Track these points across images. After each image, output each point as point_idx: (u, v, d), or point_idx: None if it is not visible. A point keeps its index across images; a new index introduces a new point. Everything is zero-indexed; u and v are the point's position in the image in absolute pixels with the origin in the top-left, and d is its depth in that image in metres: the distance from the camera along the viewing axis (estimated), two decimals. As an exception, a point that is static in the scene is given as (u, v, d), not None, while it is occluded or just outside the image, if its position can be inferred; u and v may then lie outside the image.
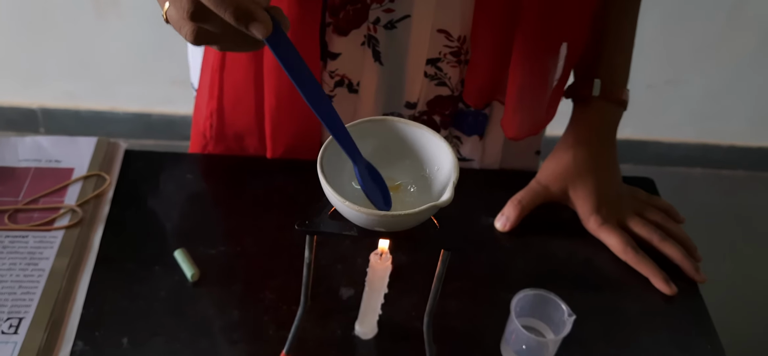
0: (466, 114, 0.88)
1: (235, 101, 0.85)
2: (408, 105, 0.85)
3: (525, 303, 0.70)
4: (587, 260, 0.82)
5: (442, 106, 0.86)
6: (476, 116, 0.88)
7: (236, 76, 0.83)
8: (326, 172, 0.52)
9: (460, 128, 0.90)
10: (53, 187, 0.81)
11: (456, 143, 0.92)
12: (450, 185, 0.52)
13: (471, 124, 0.89)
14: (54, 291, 0.71)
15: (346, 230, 0.55)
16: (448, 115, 0.87)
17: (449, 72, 0.82)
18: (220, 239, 0.79)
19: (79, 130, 2.18)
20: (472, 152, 0.92)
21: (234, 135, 0.89)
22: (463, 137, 0.91)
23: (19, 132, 2.17)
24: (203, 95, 0.88)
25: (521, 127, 0.82)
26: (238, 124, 0.88)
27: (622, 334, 0.75)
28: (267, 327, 0.72)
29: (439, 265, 0.57)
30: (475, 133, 0.90)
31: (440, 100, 0.85)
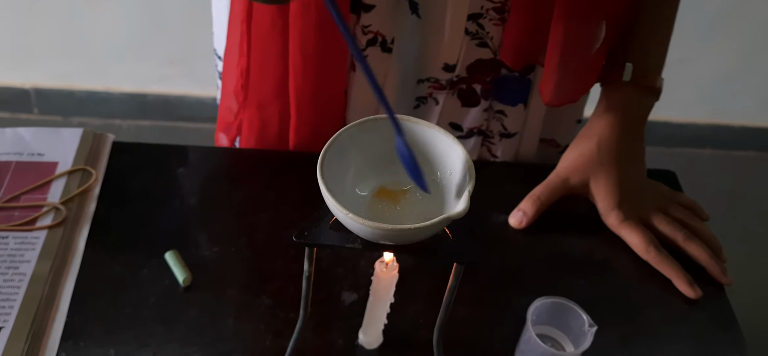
0: (509, 80, 0.82)
1: (262, 57, 0.79)
2: (446, 67, 0.79)
3: (541, 311, 0.66)
4: (605, 261, 0.77)
5: (483, 70, 0.80)
6: (520, 82, 0.82)
7: (262, 29, 0.77)
8: (327, 177, 0.47)
9: (502, 98, 0.84)
10: (35, 183, 0.76)
11: (500, 118, 0.86)
12: (465, 195, 0.46)
13: (514, 91, 0.83)
14: (35, 298, 0.67)
15: (348, 242, 0.49)
16: (490, 82, 0.81)
17: (491, 31, 0.76)
18: (213, 239, 0.74)
19: (73, 110, 2.13)
20: (517, 124, 0.86)
21: (259, 102, 0.83)
22: (508, 110, 0.85)
23: (11, 113, 2.12)
24: (232, 55, 0.81)
25: (559, 91, 0.75)
26: (264, 87, 0.81)
27: (642, 343, 0.70)
28: (263, 336, 0.67)
29: (451, 278, 0.52)
30: (520, 101, 0.84)
31: (481, 64, 0.79)
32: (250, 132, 0.86)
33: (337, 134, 0.50)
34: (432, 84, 0.81)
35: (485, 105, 0.84)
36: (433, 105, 0.83)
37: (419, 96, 0.83)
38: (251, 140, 0.86)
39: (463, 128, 0.86)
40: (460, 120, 0.86)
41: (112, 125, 2.12)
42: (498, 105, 0.85)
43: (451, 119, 0.86)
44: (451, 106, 0.84)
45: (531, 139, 0.89)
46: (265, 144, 0.86)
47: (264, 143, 0.86)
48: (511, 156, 0.90)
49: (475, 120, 0.85)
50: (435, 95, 0.82)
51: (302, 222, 0.51)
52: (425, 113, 0.84)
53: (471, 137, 0.87)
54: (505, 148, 0.89)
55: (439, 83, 0.81)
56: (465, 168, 0.49)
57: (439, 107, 0.83)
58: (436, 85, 0.81)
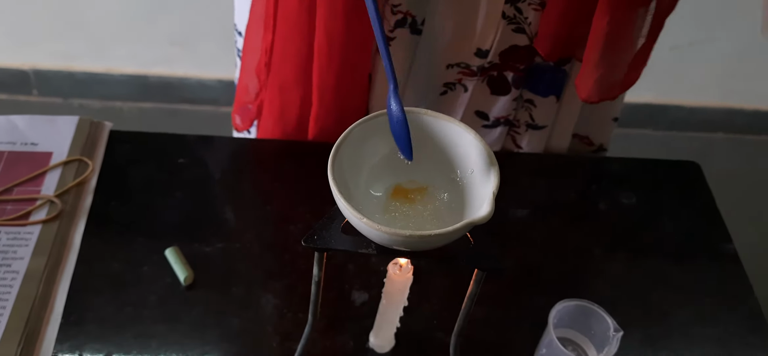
0: (544, 70, 0.77)
1: (286, 36, 0.75)
2: (479, 53, 0.74)
3: (564, 314, 0.62)
4: (629, 259, 0.73)
5: (517, 58, 0.75)
6: (555, 74, 0.77)
7: (290, 5, 0.72)
8: (338, 177, 0.43)
9: (534, 88, 0.79)
10: (29, 174, 0.72)
11: (529, 108, 0.81)
12: (489, 197, 0.42)
13: (548, 82, 0.78)
14: (29, 297, 0.63)
15: (362, 247, 0.46)
16: (523, 69, 0.76)
17: (530, 16, 0.72)
18: (216, 234, 0.71)
19: (73, 92, 2.09)
20: (546, 116, 0.82)
21: (280, 85, 0.79)
22: (537, 100, 0.80)
23: (10, 95, 2.08)
24: (256, 31, 0.77)
25: (597, 88, 0.71)
26: (286, 68, 0.77)
27: (668, 345, 0.66)
28: (270, 338, 0.63)
29: (471, 284, 0.49)
30: (552, 93, 0.79)
31: (515, 51, 0.75)
32: (269, 116, 0.81)
33: (348, 130, 0.46)
34: (462, 69, 0.76)
35: (515, 94, 0.79)
36: (461, 92, 0.78)
37: (447, 82, 0.78)
38: (269, 125, 0.82)
39: (490, 117, 0.82)
40: (488, 109, 0.81)
41: (113, 107, 2.08)
42: (528, 94, 0.80)
43: (479, 107, 0.81)
44: (479, 93, 0.79)
45: (563, 134, 0.84)
46: (284, 131, 0.81)
47: (282, 129, 0.81)
48: (538, 149, 0.85)
49: (503, 109, 0.80)
50: (464, 82, 0.78)
51: (313, 223, 0.47)
52: (452, 99, 0.79)
53: (497, 126, 0.83)
54: (532, 140, 0.84)
55: (470, 69, 0.76)
56: (488, 167, 0.45)
57: (468, 94, 0.78)
58: (466, 71, 0.76)
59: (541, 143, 0.85)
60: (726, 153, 2.27)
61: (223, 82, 2.06)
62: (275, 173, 0.78)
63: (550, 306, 0.68)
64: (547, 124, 0.82)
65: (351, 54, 0.73)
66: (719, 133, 2.29)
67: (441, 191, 0.48)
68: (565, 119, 0.83)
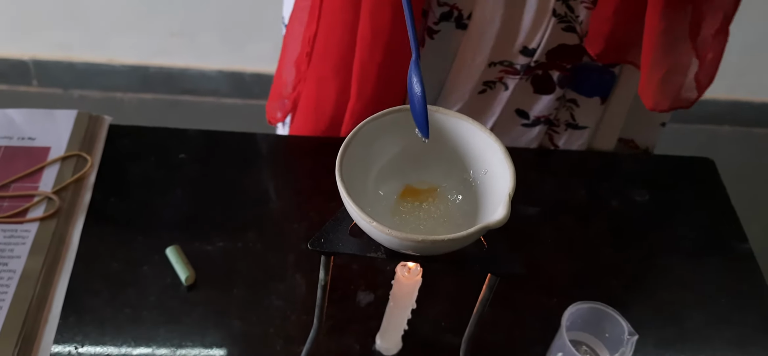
0: (591, 70, 0.74)
1: (329, 26, 0.72)
2: (525, 51, 0.71)
3: (576, 317, 0.60)
4: (642, 258, 0.71)
5: (564, 57, 0.72)
6: (602, 75, 0.74)
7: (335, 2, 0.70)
8: (347, 177, 0.41)
9: (578, 87, 0.76)
10: (26, 170, 0.70)
11: (570, 107, 0.78)
12: (505, 200, 0.41)
13: (594, 83, 0.75)
14: (26, 297, 0.61)
15: (370, 251, 0.44)
16: (569, 69, 0.73)
17: (581, 14, 0.68)
18: (218, 232, 0.69)
19: (73, 82, 2.07)
20: (588, 117, 0.79)
21: (318, 77, 0.76)
22: (581, 100, 0.77)
23: (10, 85, 2.06)
24: (299, 21, 0.74)
25: (663, 92, 0.66)
26: (327, 60, 0.74)
27: (683, 348, 0.64)
28: (273, 340, 0.62)
29: (484, 289, 0.47)
30: (597, 94, 0.76)
31: (564, 50, 0.71)
32: (305, 109, 0.79)
33: (357, 128, 0.44)
34: (505, 68, 0.73)
35: (559, 93, 0.75)
36: (501, 90, 0.75)
37: (488, 80, 0.74)
38: (304, 119, 0.79)
39: (530, 116, 0.78)
40: (528, 107, 0.78)
41: (114, 98, 2.06)
42: (571, 93, 0.77)
43: (519, 105, 0.78)
44: (521, 92, 0.75)
45: (608, 136, 0.81)
46: (317, 126, 0.79)
47: (316, 124, 0.79)
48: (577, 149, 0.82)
49: (544, 108, 0.77)
50: (505, 80, 0.74)
51: (317, 221, 0.45)
52: (491, 98, 0.76)
53: (537, 125, 0.79)
54: (570, 139, 0.81)
55: (513, 67, 0.72)
56: (503, 168, 0.43)
57: (508, 93, 0.75)
58: (509, 70, 0.73)
59: (580, 144, 0.82)
60: (732, 146, 2.25)
61: (225, 74, 2.04)
62: (279, 169, 0.76)
63: (561, 307, 0.66)
64: (588, 125, 0.79)
65: (395, 47, 0.69)
66: (725, 125, 2.27)
67: (453, 192, 0.46)
68: (612, 122, 0.80)
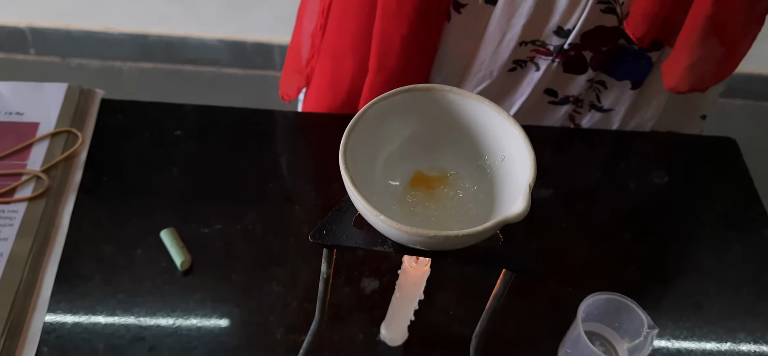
0: (627, 54, 0.69)
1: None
2: (559, 32, 0.66)
3: (593, 308, 0.57)
4: (660, 244, 0.68)
5: (601, 39, 0.67)
6: (637, 58, 0.69)
7: None
8: (352, 165, 0.38)
9: (610, 70, 0.71)
10: (13, 147, 0.67)
11: (596, 89, 0.73)
12: (525, 191, 0.37)
13: (629, 67, 0.70)
14: (13, 282, 0.58)
15: (376, 244, 0.40)
16: (605, 52, 0.68)
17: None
18: (215, 214, 0.65)
19: (71, 51, 2.02)
20: (614, 100, 0.74)
21: (334, 52, 0.72)
22: (609, 82, 0.72)
23: (6, 53, 2.01)
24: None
25: (688, 76, 0.62)
26: (343, 34, 0.70)
27: (703, 339, 0.61)
28: (273, 329, 0.59)
29: (498, 284, 0.44)
30: (628, 78, 0.71)
31: (601, 32, 0.66)
32: (320, 85, 0.75)
33: (362, 111, 0.40)
34: (537, 47, 0.68)
35: (591, 75, 0.71)
36: (532, 70, 0.71)
37: (518, 59, 0.70)
38: (318, 95, 0.76)
39: (559, 95, 0.74)
40: (558, 87, 0.73)
41: (113, 67, 2.01)
42: (601, 75, 0.72)
43: (550, 85, 0.73)
44: (552, 72, 0.71)
45: (639, 124, 0.76)
46: (333, 102, 0.75)
47: (332, 101, 0.75)
48: None
49: (575, 89, 0.73)
50: (537, 60, 0.70)
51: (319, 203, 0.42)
52: (519, 77, 0.72)
53: (565, 104, 0.75)
54: (592, 121, 0.77)
55: (546, 48, 0.68)
56: (523, 155, 0.39)
57: (539, 73, 0.70)
58: (542, 50, 0.68)
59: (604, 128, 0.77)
60: (745, 121, 2.20)
61: (225, 43, 1.99)
62: (280, 147, 0.73)
63: (575, 296, 0.63)
64: (613, 108, 0.75)
65: (422, 16, 0.65)
66: (738, 99, 2.22)
67: (467, 179, 0.42)
68: (643, 109, 0.75)
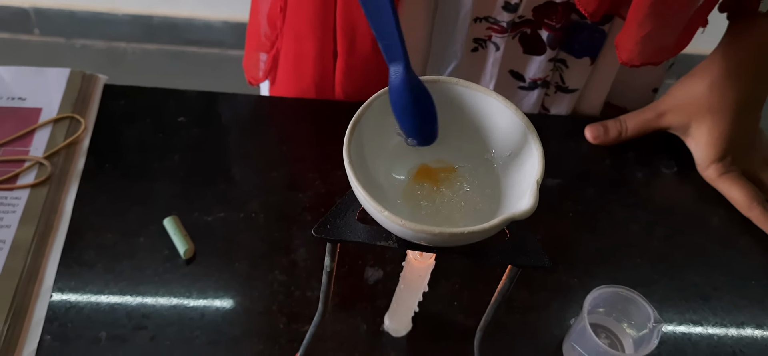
0: (582, 28, 0.69)
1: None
2: (507, 6, 0.66)
3: (599, 300, 0.56)
4: (668, 237, 0.67)
5: (551, 15, 0.67)
6: (593, 33, 0.69)
7: None
8: (355, 161, 0.37)
9: (568, 47, 0.71)
10: (15, 133, 0.67)
11: (560, 69, 0.74)
12: (533, 187, 0.36)
13: (585, 42, 0.70)
14: (16, 269, 0.58)
15: (380, 239, 0.40)
16: (560, 29, 0.68)
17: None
18: (219, 201, 0.65)
19: (75, 32, 2.01)
20: (578, 79, 0.74)
21: (295, 33, 0.71)
22: (570, 61, 0.73)
23: (11, 34, 2.01)
24: None
25: (642, 48, 0.62)
26: (301, 15, 0.69)
27: (712, 335, 0.61)
28: (276, 318, 0.58)
29: (504, 279, 0.43)
30: (586, 54, 0.72)
31: (550, 7, 0.66)
32: (285, 68, 0.73)
33: (368, 103, 0.39)
34: (490, 24, 0.69)
35: (551, 54, 0.71)
36: (493, 50, 0.71)
37: (477, 38, 0.71)
38: (285, 78, 0.75)
39: (526, 79, 0.74)
40: (522, 69, 0.74)
41: (117, 48, 2.01)
42: (561, 54, 0.73)
43: (512, 66, 0.73)
44: (512, 52, 0.72)
45: (595, 100, 0.77)
46: (300, 86, 0.74)
47: (299, 84, 0.74)
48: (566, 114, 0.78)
49: (539, 70, 0.73)
50: (495, 39, 0.70)
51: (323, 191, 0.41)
52: (484, 58, 0.72)
53: (535, 88, 0.75)
54: (560, 103, 0.77)
55: (499, 25, 0.68)
56: (531, 150, 0.38)
57: (500, 53, 0.71)
58: (495, 27, 0.69)
59: (569, 108, 0.77)
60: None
61: (230, 24, 1.98)
62: (283, 134, 0.72)
63: (581, 287, 0.63)
64: (578, 88, 0.75)
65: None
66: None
67: (473, 173, 0.42)
68: (600, 85, 0.75)
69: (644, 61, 0.63)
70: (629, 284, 0.56)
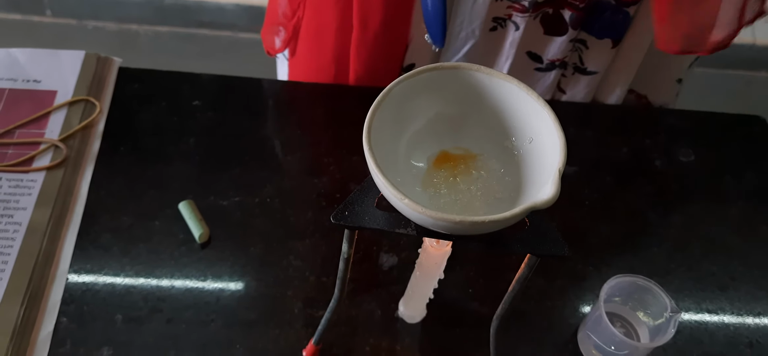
0: (604, 8, 0.67)
1: None
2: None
3: (615, 290, 0.56)
4: (686, 224, 0.66)
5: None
6: (615, 14, 0.67)
7: None
8: (375, 147, 0.37)
9: (589, 27, 0.69)
10: (31, 115, 0.67)
11: (579, 49, 0.72)
12: (554, 176, 0.36)
13: (606, 23, 0.68)
14: (33, 252, 0.58)
15: (399, 227, 0.40)
16: (583, 9, 0.66)
17: None
18: (234, 185, 0.65)
19: (88, 13, 2.01)
20: (598, 62, 0.72)
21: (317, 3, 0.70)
22: (590, 41, 0.70)
23: (23, 15, 2.01)
24: None
25: (678, 31, 0.58)
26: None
27: (729, 323, 0.60)
28: (291, 303, 0.58)
29: (522, 267, 0.43)
30: (608, 36, 0.69)
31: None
32: (306, 39, 0.72)
33: (388, 89, 0.39)
34: (512, 3, 0.67)
35: (572, 34, 0.69)
36: (512, 30, 0.69)
37: (497, 17, 0.69)
38: (305, 50, 0.74)
39: (544, 60, 0.73)
40: (541, 50, 0.72)
41: (129, 30, 2.00)
42: (582, 34, 0.70)
43: (531, 47, 0.72)
44: (532, 32, 0.70)
45: (616, 85, 0.75)
46: (320, 59, 0.72)
47: (319, 57, 0.73)
48: (582, 97, 0.76)
49: (558, 51, 0.71)
50: (515, 18, 0.68)
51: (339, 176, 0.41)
52: (501, 37, 0.71)
53: (552, 69, 0.73)
54: (577, 86, 0.75)
55: (521, 4, 0.66)
56: (552, 138, 0.38)
57: (519, 33, 0.69)
58: (516, 6, 0.67)
59: (587, 92, 0.76)
60: (769, 92, 2.15)
61: (242, 6, 1.97)
62: (298, 118, 0.72)
63: (597, 275, 0.62)
64: (597, 70, 0.73)
65: None
66: (762, 72, 2.18)
67: (493, 161, 0.41)
68: (621, 70, 0.73)
69: (685, 47, 0.59)
70: (645, 273, 0.56)
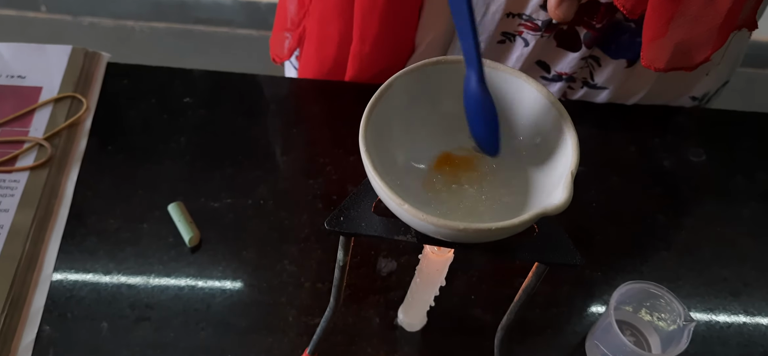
0: (622, 30, 0.64)
1: None
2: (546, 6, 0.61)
3: (626, 296, 0.53)
4: (696, 226, 0.64)
5: (593, 13, 0.62)
6: (634, 36, 0.64)
7: None
8: (372, 147, 0.34)
9: (605, 46, 0.67)
10: (14, 112, 0.64)
11: (591, 65, 0.69)
12: (566, 179, 0.33)
13: (624, 45, 0.66)
14: (15, 256, 0.56)
15: (398, 233, 0.37)
16: (600, 29, 0.63)
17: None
18: (226, 186, 0.62)
19: (83, 9, 1.98)
20: (609, 79, 0.69)
21: (321, 14, 0.68)
22: (604, 60, 0.68)
23: (17, 10, 1.98)
24: None
25: (668, 51, 0.56)
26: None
27: (742, 329, 0.58)
28: (285, 310, 0.56)
29: (530, 276, 0.40)
30: (623, 57, 0.67)
31: (593, 6, 0.61)
32: (309, 48, 0.71)
33: (387, 84, 0.36)
34: (524, 21, 0.64)
35: (585, 53, 0.66)
36: (521, 45, 0.66)
37: (506, 32, 0.66)
38: (307, 58, 0.72)
39: (551, 71, 0.70)
40: (551, 61, 0.69)
41: (125, 26, 1.98)
42: (595, 51, 0.68)
43: (541, 57, 0.69)
44: (543, 46, 0.66)
45: (626, 100, 0.72)
46: (321, 68, 0.71)
47: (320, 66, 0.71)
48: None
49: (568, 66, 0.68)
50: (525, 35, 0.65)
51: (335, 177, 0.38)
52: (507, 51, 0.67)
53: (557, 82, 0.71)
54: (583, 97, 0.72)
55: (534, 23, 0.63)
56: (564, 139, 0.35)
57: (528, 49, 0.66)
58: (529, 25, 0.64)
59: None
60: None
61: (239, 3, 1.94)
62: (293, 117, 0.69)
63: (605, 282, 0.60)
64: (607, 87, 0.70)
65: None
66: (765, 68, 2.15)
67: (498, 162, 0.38)
68: (632, 88, 0.70)
69: (671, 64, 0.58)
70: (655, 278, 0.53)
